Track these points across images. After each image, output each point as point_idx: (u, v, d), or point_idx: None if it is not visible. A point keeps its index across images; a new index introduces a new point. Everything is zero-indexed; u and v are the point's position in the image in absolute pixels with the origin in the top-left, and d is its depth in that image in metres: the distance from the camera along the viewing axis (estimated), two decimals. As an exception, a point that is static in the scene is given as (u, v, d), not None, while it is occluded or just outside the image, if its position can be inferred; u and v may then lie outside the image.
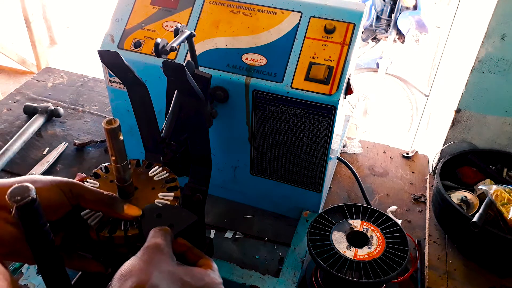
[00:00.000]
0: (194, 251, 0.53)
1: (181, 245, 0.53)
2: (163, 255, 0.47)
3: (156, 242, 0.48)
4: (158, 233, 0.50)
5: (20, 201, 0.41)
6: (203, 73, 0.72)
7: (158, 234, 0.50)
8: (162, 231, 0.51)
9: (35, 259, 0.48)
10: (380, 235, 0.75)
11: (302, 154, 0.87)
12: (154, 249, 0.48)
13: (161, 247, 0.48)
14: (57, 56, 3.97)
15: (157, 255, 0.47)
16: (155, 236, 0.49)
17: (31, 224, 0.44)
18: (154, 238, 0.49)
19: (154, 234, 0.50)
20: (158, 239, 0.49)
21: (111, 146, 0.51)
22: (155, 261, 0.46)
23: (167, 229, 0.51)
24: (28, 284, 0.78)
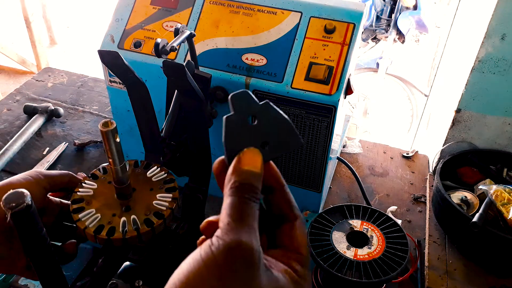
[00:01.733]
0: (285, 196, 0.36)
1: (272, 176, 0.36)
2: (253, 271, 0.29)
3: (242, 242, 0.29)
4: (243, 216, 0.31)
5: (15, 207, 0.41)
6: (203, 73, 0.72)
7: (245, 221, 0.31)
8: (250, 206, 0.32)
9: (33, 264, 0.47)
10: (380, 235, 0.75)
11: (302, 154, 0.87)
12: (240, 259, 0.29)
13: (251, 256, 0.30)
14: (57, 56, 3.97)
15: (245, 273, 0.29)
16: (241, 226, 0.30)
17: (28, 230, 0.44)
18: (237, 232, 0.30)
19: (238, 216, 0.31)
20: (245, 236, 0.30)
21: (107, 148, 0.51)
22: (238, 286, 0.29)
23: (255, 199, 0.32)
24: (28, 284, 0.78)
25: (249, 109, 0.35)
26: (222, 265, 0.29)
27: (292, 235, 0.35)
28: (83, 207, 0.57)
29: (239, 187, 0.32)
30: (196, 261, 0.30)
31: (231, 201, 0.32)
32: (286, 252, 0.35)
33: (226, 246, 0.29)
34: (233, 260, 0.29)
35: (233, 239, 0.29)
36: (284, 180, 0.37)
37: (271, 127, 0.35)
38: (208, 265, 0.29)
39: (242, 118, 0.35)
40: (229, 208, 0.31)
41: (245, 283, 0.29)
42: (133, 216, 0.56)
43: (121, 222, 0.56)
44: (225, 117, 0.34)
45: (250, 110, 0.35)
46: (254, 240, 0.30)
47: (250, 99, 0.35)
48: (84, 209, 0.57)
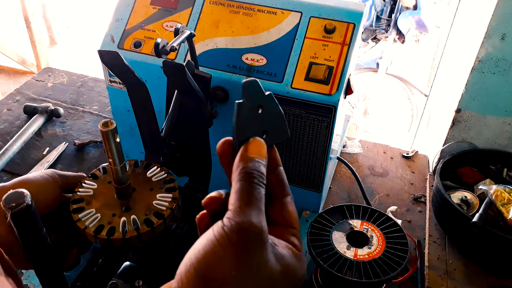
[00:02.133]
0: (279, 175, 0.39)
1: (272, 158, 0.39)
2: (263, 250, 0.32)
3: (253, 223, 0.32)
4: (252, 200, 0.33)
5: (15, 207, 0.41)
6: (203, 73, 0.72)
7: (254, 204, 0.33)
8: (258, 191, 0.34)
9: (33, 264, 0.48)
10: (380, 235, 0.75)
11: (302, 154, 0.87)
12: (252, 239, 0.32)
13: (261, 236, 0.32)
14: (57, 56, 3.97)
15: (256, 251, 0.32)
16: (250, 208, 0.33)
17: (27, 230, 0.44)
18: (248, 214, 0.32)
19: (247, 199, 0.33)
20: (255, 218, 0.32)
21: (108, 148, 0.51)
22: (252, 262, 0.31)
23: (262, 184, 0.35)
24: (28, 284, 0.78)
25: (257, 98, 0.37)
26: (236, 243, 0.31)
27: (285, 211, 0.38)
28: (83, 207, 0.57)
29: (248, 173, 0.35)
30: (211, 241, 0.32)
31: (241, 186, 0.34)
32: (282, 228, 0.37)
33: (239, 226, 0.32)
34: (246, 239, 0.32)
35: (244, 221, 0.32)
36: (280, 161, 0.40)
37: (271, 117, 0.38)
38: (222, 244, 0.32)
39: (252, 105, 0.37)
40: (239, 192, 0.34)
41: (257, 259, 0.32)
42: (133, 216, 0.56)
43: (121, 222, 0.56)
44: (237, 102, 0.37)
45: (258, 99, 0.37)
46: (262, 221, 0.33)
47: (260, 88, 0.37)
48: (84, 209, 0.57)
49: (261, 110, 0.37)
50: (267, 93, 0.38)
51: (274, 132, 0.38)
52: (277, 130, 0.39)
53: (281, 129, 0.39)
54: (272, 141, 0.38)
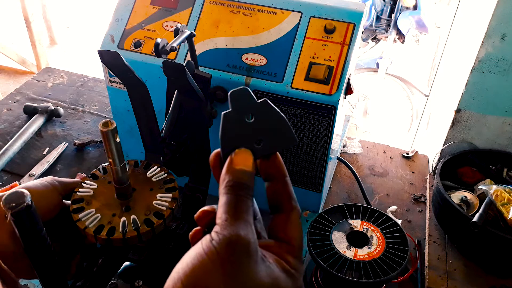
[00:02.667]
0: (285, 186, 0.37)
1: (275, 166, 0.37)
2: (251, 262, 0.32)
3: (240, 236, 0.32)
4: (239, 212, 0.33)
5: (15, 207, 0.41)
6: (203, 73, 0.72)
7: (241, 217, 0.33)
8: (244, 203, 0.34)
9: (33, 264, 0.47)
10: (380, 235, 0.75)
11: (302, 154, 0.87)
12: (239, 251, 0.31)
13: (249, 248, 0.32)
14: (57, 56, 3.97)
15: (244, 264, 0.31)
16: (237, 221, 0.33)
17: (27, 230, 0.44)
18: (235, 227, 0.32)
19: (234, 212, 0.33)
20: (242, 230, 0.32)
21: (108, 148, 0.51)
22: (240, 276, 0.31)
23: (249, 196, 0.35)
24: (28, 284, 0.78)
25: (247, 107, 0.36)
26: (224, 257, 0.31)
27: (286, 226, 0.37)
28: (83, 207, 0.57)
29: (233, 185, 0.35)
30: (199, 255, 0.32)
31: (227, 199, 0.34)
32: (279, 244, 0.36)
33: (226, 239, 0.32)
34: (233, 252, 0.31)
35: (232, 233, 0.32)
36: (287, 172, 0.38)
37: (268, 124, 0.36)
38: (211, 258, 0.31)
39: (239, 115, 0.36)
40: (225, 205, 0.34)
41: (245, 272, 0.31)
42: (133, 216, 0.56)
43: (121, 222, 0.56)
44: (223, 114, 0.35)
45: (248, 108, 0.36)
46: (250, 233, 0.33)
47: (249, 97, 0.36)
48: (84, 209, 0.57)
49: (253, 119, 0.36)
50: (261, 100, 0.36)
51: (273, 140, 0.36)
52: (278, 137, 0.37)
53: (284, 135, 0.37)
54: (271, 149, 0.37)
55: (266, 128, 0.36)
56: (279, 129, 0.36)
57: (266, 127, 0.36)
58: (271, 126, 0.36)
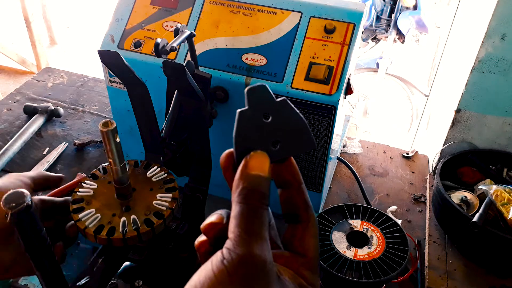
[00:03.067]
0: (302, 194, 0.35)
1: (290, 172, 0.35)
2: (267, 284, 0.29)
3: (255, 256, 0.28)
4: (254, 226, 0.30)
5: (15, 207, 0.41)
6: (203, 73, 0.72)
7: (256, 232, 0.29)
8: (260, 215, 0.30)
9: (34, 264, 0.47)
10: (380, 235, 0.75)
11: (302, 154, 0.87)
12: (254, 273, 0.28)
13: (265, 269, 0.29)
14: (57, 56, 3.97)
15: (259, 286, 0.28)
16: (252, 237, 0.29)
17: (27, 230, 0.44)
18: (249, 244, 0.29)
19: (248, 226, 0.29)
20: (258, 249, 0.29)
21: (108, 148, 0.51)
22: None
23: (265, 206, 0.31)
24: (28, 284, 0.78)
25: (264, 105, 0.33)
26: (236, 280, 0.28)
27: (303, 237, 0.34)
28: (83, 207, 0.57)
29: (247, 194, 0.31)
30: (209, 278, 0.29)
31: (240, 210, 0.30)
32: (294, 256, 0.34)
33: (239, 259, 0.28)
34: (247, 274, 0.28)
35: (246, 253, 0.28)
36: (302, 178, 0.36)
37: (286, 125, 0.33)
38: (222, 281, 0.28)
39: (256, 114, 0.33)
40: (239, 217, 0.30)
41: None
42: (133, 216, 0.56)
43: (121, 222, 0.56)
44: (239, 111, 0.32)
45: (265, 106, 0.33)
46: (266, 252, 0.29)
47: (268, 95, 0.33)
48: (84, 209, 0.57)
49: (271, 119, 0.33)
50: (280, 98, 0.33)
51: (291, 143, 0.33)
52: (295, 140, 0.34)
53: (302, 139, 0.34)
54: (288, 152, 0.34)
55: (284, 129, 0.33)
56: (298, 132, 0.34)
57: (284, 128, 0.33)
58: (289, 127, 0.33)
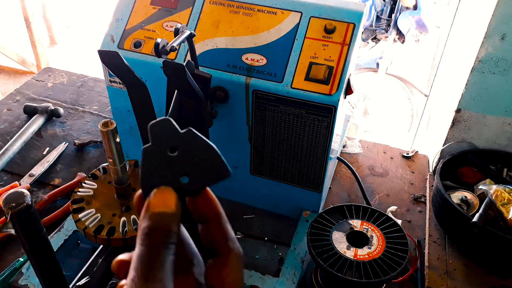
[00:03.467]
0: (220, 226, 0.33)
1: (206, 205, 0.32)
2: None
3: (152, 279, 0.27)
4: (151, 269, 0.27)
5: (15, 207, 0.41)
6: (203, 73, 0.72)
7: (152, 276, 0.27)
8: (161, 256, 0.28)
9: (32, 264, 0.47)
10: (380, 235, 0.75)
11: (302, 154, 0.87)
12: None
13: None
14: (57, 56, 3.97)
15: None
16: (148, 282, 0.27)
17: (27, 230, 0.44)
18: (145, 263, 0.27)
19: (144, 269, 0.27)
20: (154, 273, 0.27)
21: (108, 148, 0.51)
22: None
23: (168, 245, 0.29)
24: (28, 284, 0.78)
25: (169, 139, 0.32)
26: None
27: (222, 272, 0.31)
28: (83, 207, 0.57)
29: (148, 233, 0.28)
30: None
31: (138, 252, 0.28)
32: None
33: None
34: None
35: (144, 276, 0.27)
36: (221, 209, 0.33)
37: (194, 156, 0.32)
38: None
39: (161, 149, 0.32)
40: (136, 260, 0.28)
41: None
42: (133, 216, 0.56)
43: (121, 222, 0.56)
44: (143, 149, 0.32)
45: (170, 140, 0.32)
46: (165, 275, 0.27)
47: (171, 128, 0.32)
48: (84, 209, 0.57)
49: (178, 152, 0.31)
50: (184, 130, 0.32)
51: (202, 173, 0.32)
52: (207, 170, 0.32)
53: (214, 167, 0.32)
54: (200, 184, 0.32)
55: (193, 160, 0.32)
56: (208, 160, 0.32)
57: (193, 159, 0.32)
58: (198, 157, 0.32)
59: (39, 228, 0.45)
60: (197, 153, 0.32)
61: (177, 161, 0.31)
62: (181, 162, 0.31)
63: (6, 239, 0.91)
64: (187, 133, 0.32)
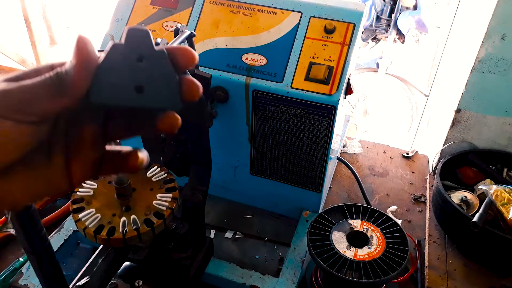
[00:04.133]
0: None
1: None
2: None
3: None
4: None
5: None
6: (203, 73, 0.72)
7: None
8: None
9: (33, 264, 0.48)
10: (380, 235, 0.75)
11: (302, 154, 0.87)
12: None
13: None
14: (57, 56, 3.97)
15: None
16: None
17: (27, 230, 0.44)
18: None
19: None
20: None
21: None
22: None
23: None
24: (28, 284, 0.78)
25: (141, 49, 0.32)
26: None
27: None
28: (83, 207, 0.57)
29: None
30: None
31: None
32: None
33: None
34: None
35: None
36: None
37: (155, 77, 0.32)
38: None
39: (129, 53, 0.32)
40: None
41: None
42: (133, 216, 0.56)
43: (121, 222, 0.56)
44: (113, 43, 0.32)
45: (142, 50, 0.32)
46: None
47: (147, 40, 0.32)
48: (84, 209, 0.57)
49: (142, 63, 0.32)
50: (158, 48, 0.32)
51: (155, 94, 0.32)
52: (161, 93, 0.32)
53: (169, 95, 0.33)
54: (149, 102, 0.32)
55: (152, 79, 0.32)
56: (166, 86, 0.32)
57: (153, 78, 0.32)
58: (159, 80, 0.32)
59: (39, 228, 0.45)
60: (159, 75, 0.32)
61: (138, 72, 0.32)
62: (141, 75, 0.32)
63: (6, 239, 0.92)
64: (159, 53, 0.32)
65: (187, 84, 0.33)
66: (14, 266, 0.84)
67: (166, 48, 0.32)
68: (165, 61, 0.32)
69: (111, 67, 0.31)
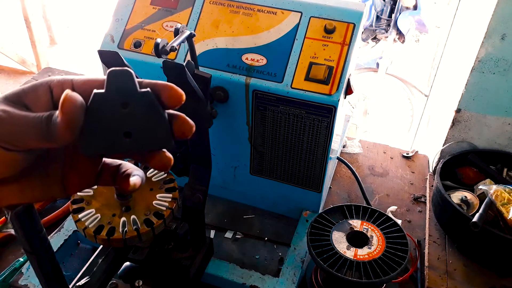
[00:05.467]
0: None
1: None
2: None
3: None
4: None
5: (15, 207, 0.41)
6: (203, 73, 0.72)
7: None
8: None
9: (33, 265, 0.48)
10: (380, 235, 0.75)
11: (302, 154, 0.87)
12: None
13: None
14: (57, 56, 3.97)
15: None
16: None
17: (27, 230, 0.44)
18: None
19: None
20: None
21: None
22: None
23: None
24: (28, 284, 0.78)
25: (125, 93, 0.31)
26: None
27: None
28: (83, 207, 0.57)
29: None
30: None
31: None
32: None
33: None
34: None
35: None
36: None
37: (143, 119, 0.31)
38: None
39: (113, 100, 0.31)
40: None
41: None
42: (133, 216, 0.56)
43: (121, 222, 0.56)
44: (94, 92, 0.30)
45: (126, 95, 0.31)
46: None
47: (131, 82, 0.31)
48: (84, 209, 0.57)
49: (129, 109, 0.31)
50: (144, 90, 0.31)
51: (144, 136, 0.31)
52: (151, 135, 0.31)
53: (159, 135, 0.32)
54: (140, 146, 0.32)
55: (141, 122, 0.31)
56: (155, 127, 0.32)
57: (141, 121, 0.31)
58: (147, 121, 0.31)
59: (39, 228, 0.45)
60: (147, 118, 0.31)
61: (124, 118, 0.31)
62: (128, 120, 0.31)
63: (6, 239, 0.92)
64: (144, 95, 0.31)
65: (179, 124, 0.33)
66: (14, 266, 0.84)
67: (151, 86, 0.31)
68: (151, 102, 0.31)
69: (97, 119, 0.30)
